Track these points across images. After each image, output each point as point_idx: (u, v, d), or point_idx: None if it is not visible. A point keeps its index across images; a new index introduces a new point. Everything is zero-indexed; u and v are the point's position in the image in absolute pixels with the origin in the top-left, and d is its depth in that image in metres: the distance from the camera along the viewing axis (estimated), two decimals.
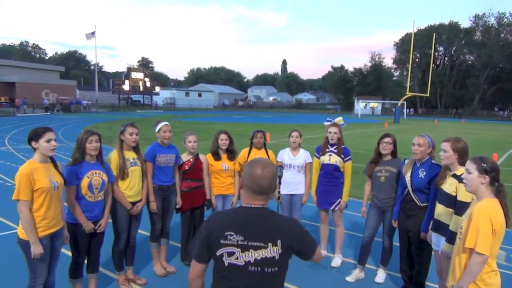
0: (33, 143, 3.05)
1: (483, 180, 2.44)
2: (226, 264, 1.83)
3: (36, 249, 2.98)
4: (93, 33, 49.50)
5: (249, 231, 1.82)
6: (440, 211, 3.34)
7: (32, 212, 3.00)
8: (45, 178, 3.04)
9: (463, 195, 3.05)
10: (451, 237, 3.02)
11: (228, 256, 1.82)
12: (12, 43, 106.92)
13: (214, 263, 1.90)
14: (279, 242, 1.81)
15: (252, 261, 1.80)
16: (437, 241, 3.42)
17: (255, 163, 1.91)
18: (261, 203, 1.89)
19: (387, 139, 4.22)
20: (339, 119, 4.86)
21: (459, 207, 3.03)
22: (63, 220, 3.33)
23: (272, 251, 1.80)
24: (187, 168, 4.54)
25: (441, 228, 3.33)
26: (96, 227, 3.57)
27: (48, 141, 3.05)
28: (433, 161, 3.75)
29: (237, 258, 1.82)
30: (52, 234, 3.16)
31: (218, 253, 1.84)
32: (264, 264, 1.80)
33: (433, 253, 3.64)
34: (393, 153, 4.27)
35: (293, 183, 4.87)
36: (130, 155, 4.00)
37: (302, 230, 1.94)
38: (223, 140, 4.73)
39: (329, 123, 4.81)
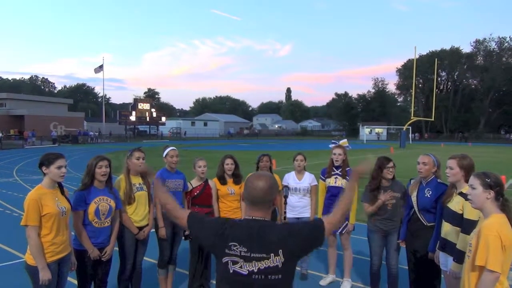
0: (43, 168, 3.10)
1: (488, 195, 2.41)
2: (231, 271, 1.87)
3: (45, 275, 2.97)
4: (101, 66, 50.66)
5: (252, 243, 1.85)
6: (447, 230, 3.31)
7: (40, 237, 3.01)
8: (53, 204, 3.07)
9: (469, 213, 3.02)
10: (459, 256, 2.98)
11: (233, 264, 1.87)
12: (22, 78, 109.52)
13: (218, 269, 1.94)
14: (280, 251, 1.84)
15: (255, 270, 1.83)
16: (445, 261, 3.37)
17: (252, 175, 2.03)
18: (260, 214, 1.93)
19: (392, 163, 4.16)
20: (344, 141, 4.91)
21: (466, 225, 3.00)
22: (70, 246, 3.34)
23: (274, 260, 1.84)
24: (196, 194, 4.54)
25: (448, 247, 3.28)
26: (102, 254, 3.56)
27: (59, 167, 3.10)
28: (438, 180, 3.75)
29: (241, 267, 1.86)
30: (59, 260, 3.16)
31: (224, 260, 1.89)
32: (267, 273, 1.83)
33: (442, 274, 3.58)
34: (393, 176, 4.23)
35: (299, 206, 4.86)
36: (137, 180, 4.04)
37: (299, 230, 1.92)
38: (228, 165, 4.75)
39: (334, 145, 4.85)
